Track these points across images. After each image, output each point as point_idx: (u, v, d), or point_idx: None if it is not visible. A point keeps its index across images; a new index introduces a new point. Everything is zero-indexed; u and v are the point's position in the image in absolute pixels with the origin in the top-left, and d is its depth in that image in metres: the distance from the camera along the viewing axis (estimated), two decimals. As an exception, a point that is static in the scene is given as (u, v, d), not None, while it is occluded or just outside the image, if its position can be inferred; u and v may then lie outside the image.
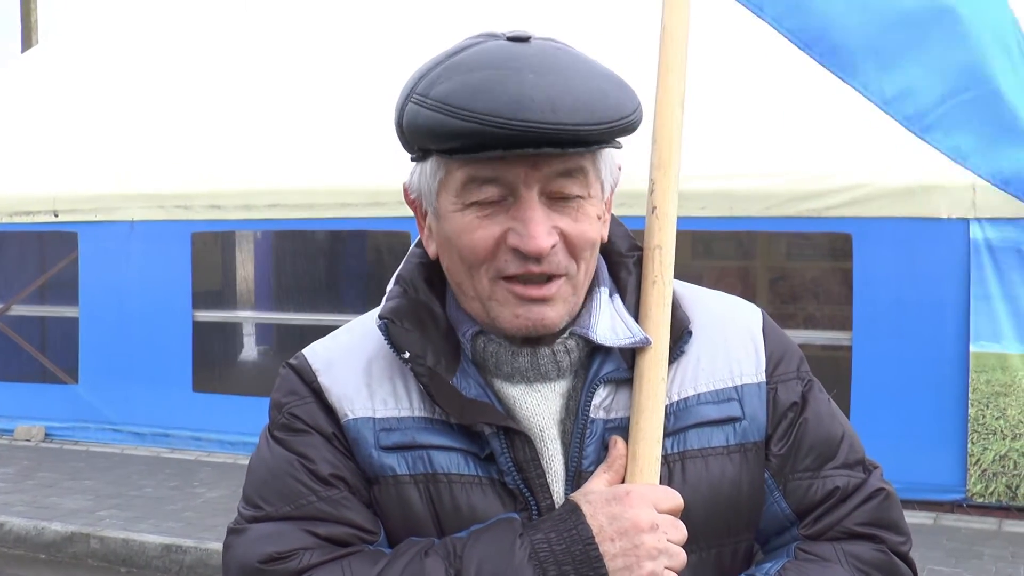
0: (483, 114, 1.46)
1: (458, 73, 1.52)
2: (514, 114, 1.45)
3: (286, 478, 1.63)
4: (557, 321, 1.60)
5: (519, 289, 1.57)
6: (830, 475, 1.71)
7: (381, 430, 1.64)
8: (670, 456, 1.63)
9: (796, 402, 1.72)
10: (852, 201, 7.94)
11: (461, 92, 1.49)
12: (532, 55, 1.53)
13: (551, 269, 1.56)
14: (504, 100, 1.46)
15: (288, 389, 1.70)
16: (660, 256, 1.71)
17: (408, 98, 1.56)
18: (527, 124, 1.45)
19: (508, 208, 1.55)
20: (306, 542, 1.59)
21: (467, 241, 1.57)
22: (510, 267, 1.56)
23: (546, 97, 1.47)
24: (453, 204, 1.57)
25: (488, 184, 1.54)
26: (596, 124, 1.49)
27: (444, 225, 1.60)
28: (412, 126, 1.55)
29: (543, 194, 1.55)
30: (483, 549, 1.53)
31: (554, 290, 1.58)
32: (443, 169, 1.58)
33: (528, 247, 1.53)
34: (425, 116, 1.52)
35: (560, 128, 1.47)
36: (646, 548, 1.50)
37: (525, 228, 1.53)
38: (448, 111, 1.49)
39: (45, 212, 10.82)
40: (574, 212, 1.57)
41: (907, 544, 1.74)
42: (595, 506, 1.54)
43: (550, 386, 1.64)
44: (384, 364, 1.68)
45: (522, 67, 1.50)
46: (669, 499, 1.56)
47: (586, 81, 1.52)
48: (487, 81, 1.49)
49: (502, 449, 1.59)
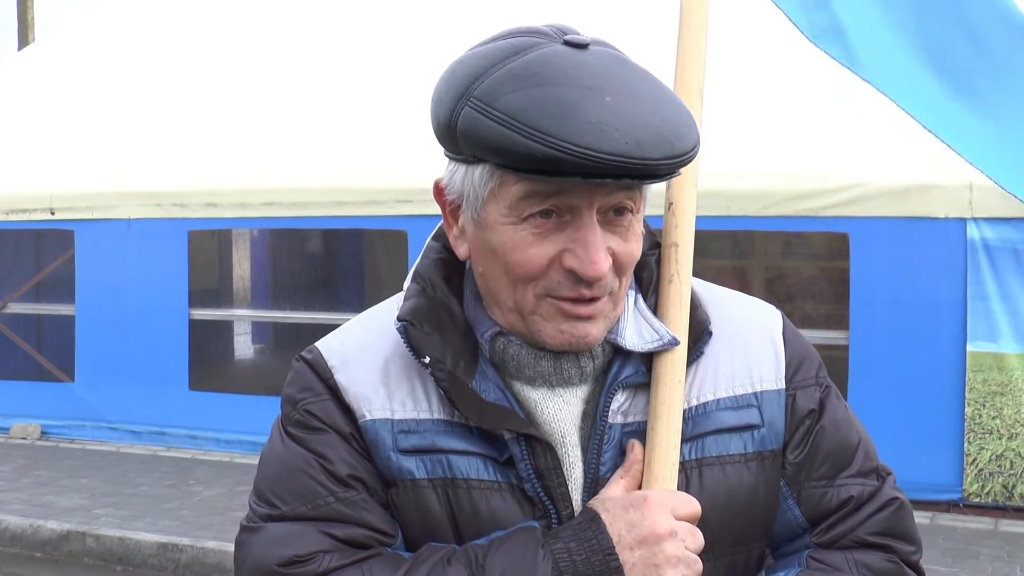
0: (562, 140, 1.38)
1: (524, 84, 1.43)
2: (596, 144, 1.38)
3: (302, 476, 1.60)
4: (599, 337, 1.57)
5: (567, 307, 1.52)
6: (845, 484, 1.69)
7: (399, 432, 1.60)
8: (687, 463, 1.61)
9: (814, 409, 1.70)
10: (849, 200, 7.94)
11: (534, 109, 1.40)
12: (600, 70, 1.45)
13: (600, 293, 1.53)
14: (584, 127, 1.38)
15: (303, 384, 1.66)
16: (677, 254, 1.68)
17: (463, 101, 1.47)
18: (610, 158, 1.38)
19: (565, 227, 1.49)
20: (324, 544, 1.56)
21: (519, 257, 1.51)
22: (563, 289, 1.51)
23: (628, 127, 1.40)
24: (505, 216, 1.51)
25: (549, 199, 1.47)
26: (673, 158, 1.43)
27: (490, 235, 1.53)
28: (471, 135, 1.46)
29: (600, 212, 1.50)
30: (505, 559, 1.51)
31: (599, 308, 1.54)
32: (497, 180, 1.50)
33: (588, 272, 1.48)
34: (490, 128, 1.42)
35: (643, 162, 1.40)
36: (665, 556, 1.48)
37: (585, 252, 1.48)
38: (520, 130, 1.40)
39: (41, 210, 10.80)
40: (624, 231, 1.53)
41: (918, 554, 1.71)
42: (613, 514, 1.52)
43: (572, 391, 1.61)
44: (402, 364, 1.64)
45: (595, 86, 1.42)
46: (687, 506, 1.54)
47: (659, 108, 1.45)
48: (562, 100, 1.40)
49: (522, 455, 1.57)
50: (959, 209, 7.66)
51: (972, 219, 7.63)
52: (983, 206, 7.56)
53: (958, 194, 7.63)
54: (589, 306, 1.53)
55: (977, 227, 7.62)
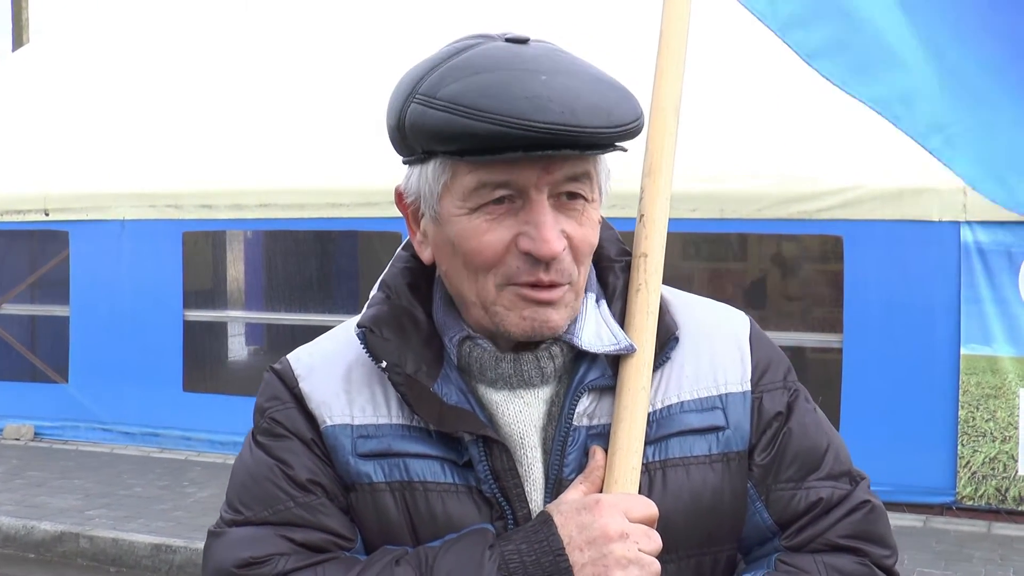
0: (501, 115, 1.43)
1: (465, 74, 1.48)
2: (534, 115, 1.43)
3: (265, 483, 1.64)
4: (561, 324, 1.58)
5: (527, 292, 1.55)
6: (814, 486, 1.69)
7: (359, 437, 1.64)
8: (651, 464, 1.62)
9: (781, 412, 1.70)
10: (843, 203, 7.95)
11: (473, 92, 1.46)
12: (537, 56, 1.51)
13: (559, 278, 1.55)
14: (522, 101, 1.44)
15: (271, 394, 1.71)
16: (646, 264, 1.69)
17: (410, 98, 1.52)
18: (548, 125, 1.43)
19: (517, 211, 1.53)
20: (282, 547, 1.60)
21: (475, 245, 1.54)
22: (521, 275, 1.54)
23: (563, 99, 1.45)
24: (459, 208, 1.54)
25: (499, 187, 1.51)
26: (612, 127, 1.48)
27: (447, 229, 1.57)
28: (417, 127, 1.51)
29: (551, 197, 1.53)
30: (453, 559, 1.53)
31: (560, 294, 1.56)
32: (449, 172, 1.54)
33: (541, 251, 1.51)
34: (434, 116, 1.48)
35: (580, 130, 1.45)
36: (615, 557, 1.49)
37: (538, 232, 1.51)
38: (461, 111, 1.45)
39: (36, 211, 10.79)
40: (579, 216, 1.56)
41: (892, 558, 1.71)
42: (566, 516, 1.53)
43: (533, 392, 1.63)
44: (364, 371, 1.67)
45: (532, 68, 1.48)
46: (641, 508, 1.54)
47: (595, 84, 1.50)
48: (500, 81, 1.46)
49: (480, 457, 1.59)
50: (953, 212, 7.68)
51: (966, 222, 7.65)
52: (977, 209, 7.57)
53: (952, 197, 7.64)
54: (549, 291, 1.55)
55: (971, 230, 7.64)
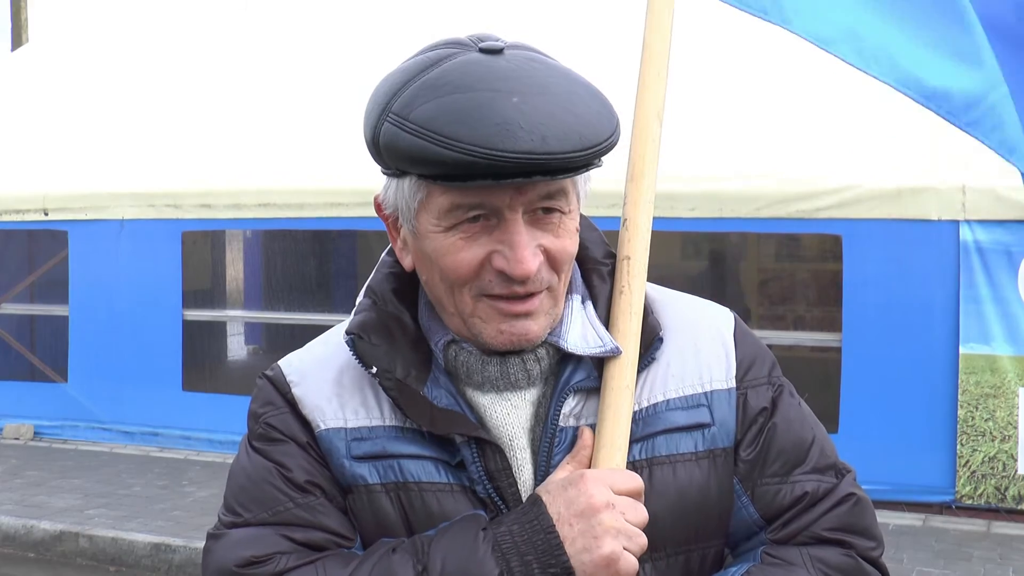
0: (470, 144, 1.43)
1: (436, 94, 1.48)
2: (503, 144, 1.43)
3: (264, 485, 1.65)
4: (540, 334, 1.60)
5: (503, 305, 1.56)
6: (799, 480, 1.70)
7: (353, 440, 1.65)
8: (637, 462, 1.63)
9: (765, 407, 1.71)
10: (842, 203, 7.95)
11: (444, 118, 1.45)
12: (512, 72, 1.50)
13: (535, 288, 1.56)
14: (491, 128, 1.43)
15: (264, 400, 1.73)
16: (629, 267, 1.70)
17: (383, 116, 1.53)
18: (517, 156, 1.43)
19: (492, 230, 1.53)
20: (282, 546, 1.61)
21: (450, 262, 1.55)
22: (495, 288, 1.55)
23: (533, 125, 1.44)
24: (435, 225, 1.55)
25: (472, 209, 1.52)
26: (584, 150, 1.47)
27: (423, 244, 1.58)
28: (391, 148, 1.52)
29: (526, 213, 1.53)
30: (448, 543, 1.54)
31: (536, 304, 1.57)
32: (423, 191, 1.55)
33: (515, 271, 1.52)
34: (406, 141, 1.48)
35: (550, 156, 1.44)
36: (603, 527, 1.50)
37: (512, 252, 1.52)
38: (431, 138, 1.45)
39: (35, 211, 10.79)
40: (556, 228, 1.56)
41: (878, 550, 1.72)
42: (554, 495, 1.54)
43: (520, 394, 1.64)
44: (355, 375, 1.68)
45: (504, 88, 1.47)
46: (626, 481, 1.55)
47: (570, 102, 1.49)
48: (470, 106, 1.45)
49: (473, 458, 1.60)
50: (952, 211, 7.67)
51: (965, 221, 7.64)
52: (976, 208, 7.57)
53: (951, 196, 7.64)
54: (525, 303, 1.57)
55: (970, 229, 7.63)
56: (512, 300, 1.56)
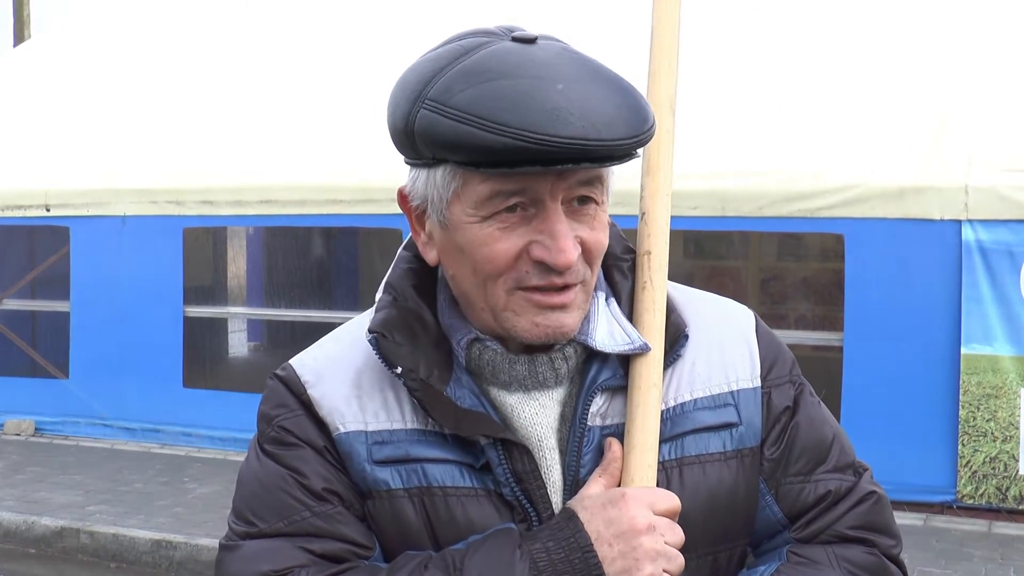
0: (519, 129, 1.40)
1: (477, 80, 1.44)
2: (553, 130, 1.40)
3: (278, 493, 1.60)
4: (574, 327, 1.57)
5: (540, 297, 1.53)
6: (821, 479, 1.69)
7: (373, 444, 1.60)
8: (667, 463, 1.61)
9: (788, 406, 1.71)
10: (844, 202, 7.94)
11: (489, 103, 1.42)
12: (550, 60, 1.47)
13: (572, 280, 1.53)
14: (540, 114, 1.40)
15: (277, 401, 1.67)
16: (650, 261, 1.69)
17: (418, 103, 1.48)
18: (568, 140, 1.40)
19: (530, 219, 1.50)
20: (301, 559, 1.56)
21: (487, 253, 1.51)
22: (532, 279, 1.52)
23: (582, 111, 1.41)
24: (469, 215, 1.51)
25: (513, 196, 1.49)
26: (630, 138, 1.45)
27: (456, 235, 1.54)
28: (428, 135, 1.47)
29: (564, 203, 1.51)
30: (482, 561, 1.50)
31: (572, 297, 1.54)
32: (460, 180, 1.50)
33: (558, 261, 1.49)
34: (447, 127, 1.44)
35: (600, 143, 1.42)
36: (644, 550, 1.48)
37: (553, 241, 1.49)
38: (477, 123, 1.41)
39: (37, 206, 10.79)
40: (591, 220, 1.54)
41: (898, 547, 1.73)
42: (591, 512, 1.51)
43: (547, 394, 1.61)
44: (374, 376, 1.64)
45: (546, 75, 1.44)
46: (665, 501, 1.53)
47: (611, 91, 1.47)
48: (516, 91, 1.42)
49: (499, 460, 1.56)
50: (954, 211, 7.66)
51: (967, 221, 7.63)
52: (978, 208, 7.56)
53: (953, 196, 7.63)
54: (562, 295, 1.54)
55: (972, 229, 7.62)
56: (549, 292, 1.53)
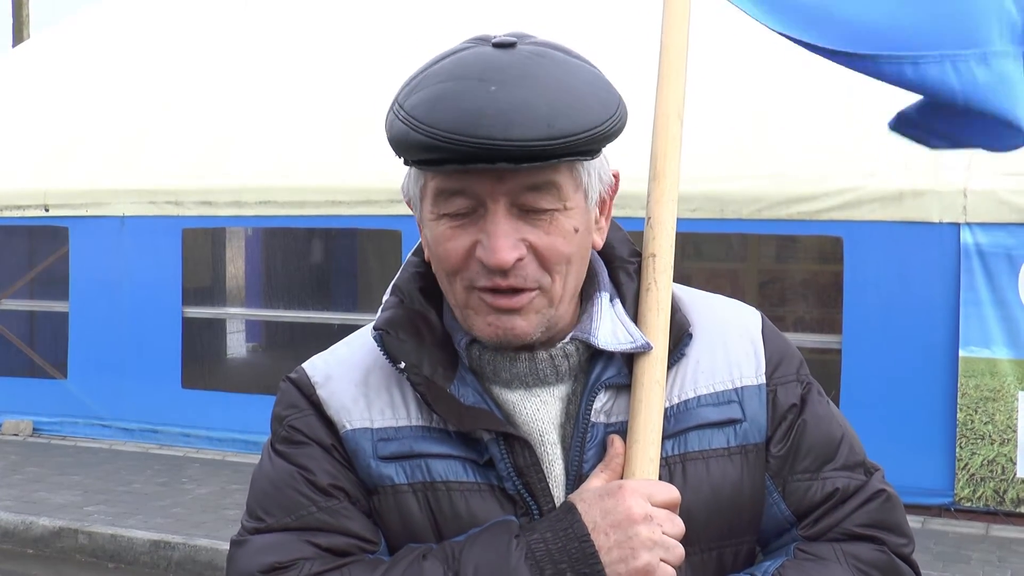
0: (439, 129, 1.47)
1: (430, 83, 1.52)
2: (467, 130, 1.45)
3: (287, 490, 1.64)
4: (529, 332, 1.58)
5: (489, 299, 1.56)
6: (830, 476, 1.71)
7: (379, 440, 1.64)
8: (671, 458, 1.64)
9: (795, 404, 1.72)
10: (843, 204, 7.95)
11: (425, 105, 1.50)
12: (507, 64, 1.51)
13: (518, 283, 1.55)
14: (460, 115, 1.46)
15: (288, 402, 1.72)
16: (655, 264, 1.71)
17: (391, 105, 1.57)
18: (478, 141, 1.45)
19: (478, 220, 1.54)
20: (306, 552, 1.60)
21: (442, 251, 1.57)
22: (480, 279, 1.55)
23: (501, 112, 1.45)
24: (431, 213, 1.58)
25: (456, 196, 1.54)
26: (551, 139, 1.46)
27: (426, 231, 1.62)
28: (390, 136, 1.57)
29: (514, 206, 1.53)
30: (480, 551, 1.53)
31: (524, 302, 1.56)
32: (422, 178, 1.59)
33: (490, 260, 1.52)
34: (397, 127, 1.53)
35: (510, 144, 1.45)
36: (640, 539, 1.50)
37: (489, 241, 1.52)
38: (412, 124, 1.50)
39: (35, 207, 10.79)
40: (546, 225, 1.55)
41: (909, 546, 1.73)
42: (589, 503, 1.54)
43: (549, 391, 1.64)
44: (381, 375, 1.68)
45: (489, 78, 1.49)
46: (664, 492, 1.55)
47: (555, 93, 1.49)
48: (449, 94, 1.49)
49: (501, 455, 1.59)
50: (953, 214, 7.67)
51: (966, 224, 7.64)
52: (977, 211, 7.57)
53: (952, 199, 7.64)
54: (510, 298, 1.56)
55: (971, 232, 7.63)
56: (496, 294, 1.56)
